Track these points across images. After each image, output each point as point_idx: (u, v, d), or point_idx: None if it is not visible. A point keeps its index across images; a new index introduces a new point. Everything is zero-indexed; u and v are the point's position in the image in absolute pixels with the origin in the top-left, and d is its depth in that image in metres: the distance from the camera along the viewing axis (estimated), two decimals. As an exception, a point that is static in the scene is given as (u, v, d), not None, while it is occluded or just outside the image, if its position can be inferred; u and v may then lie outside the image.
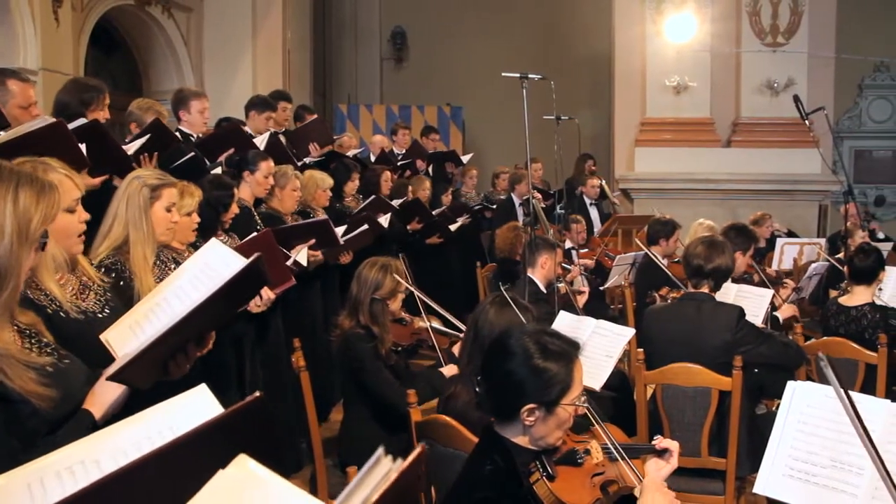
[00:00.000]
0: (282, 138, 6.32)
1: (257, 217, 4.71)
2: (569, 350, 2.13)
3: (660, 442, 2.37)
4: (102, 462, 1.50)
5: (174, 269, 3.15)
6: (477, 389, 2.18)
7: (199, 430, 1.38)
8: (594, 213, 8.91)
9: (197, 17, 9.46)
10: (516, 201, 8.36)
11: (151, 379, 2.11)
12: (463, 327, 3.92)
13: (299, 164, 5.86)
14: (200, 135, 5.18)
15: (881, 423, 2.17)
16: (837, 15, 9.78)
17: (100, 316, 2.35)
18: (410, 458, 1.21)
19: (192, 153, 4.55)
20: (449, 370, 3.55)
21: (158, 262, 3.05)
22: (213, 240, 2.41)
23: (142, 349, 1.94)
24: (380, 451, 1.18)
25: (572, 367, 2.10)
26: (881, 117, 11.92)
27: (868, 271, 4.44)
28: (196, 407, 1.61)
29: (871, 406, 2.23)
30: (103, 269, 2.74)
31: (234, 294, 2.22)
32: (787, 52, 9.55)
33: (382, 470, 1.15)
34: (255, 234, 4.06)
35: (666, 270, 5.30)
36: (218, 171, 4.67)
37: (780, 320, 4.99)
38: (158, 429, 1.57)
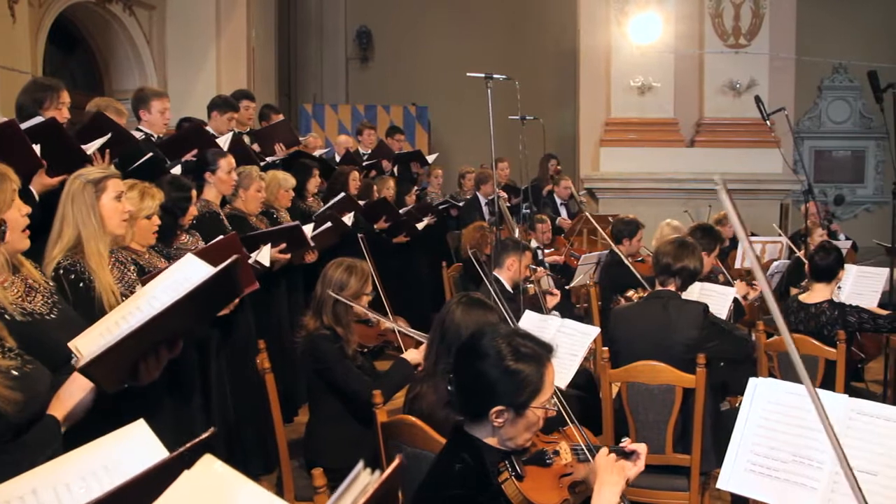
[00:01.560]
0: (246, 138, 6.27)
1: (225, 220, 4.66)
2: (541, 353, 2.12)
3: (628, 444, 2.38)
4: (41, 493, 1.47)
5: (134, 269, 3.11)
6: (449, 388, 2.17)
7: (151, 470, 1.36)
8: (564, 213, 8.97)
9: (159, 15, 9.34)
10: (482, 200, 8.38)
11: (120, 382, 2.08)
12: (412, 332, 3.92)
13: (262, 164, 5.81)
14: (161, 135, 5.11)
15: (840, 418, 2.20)
16: (797, 17, 9.93)
17: (48, 318, 2.30)
18: (389, 469, 1.21)
19: (151, 154, 4.49)
20: (411, 355, 3.53)
21: (117, 263, 3.00)
22: (189, 255, 2.37)
23: (115, 342, 1.91)
24: (359, 465, 1.18)
25: (544, 370, 2.10)
26: (840, 118, 12.12)
27: (828, 270, 4.50)
28: (135, 442, 1.58)
29: (831, 401, 2.26)
30: (62, 272, 2.69)
31: (207, 298, 2.19)
32: (748, 53, 9.68)
33: (361, 484, 1.15)
34: (220, 237, 4.01)
35: (631, 268, 5.34)
36: (177, 170, 4.61)
37: (743, 305, 5.07)
38: (103, 463, 1.55)
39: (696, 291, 4.50)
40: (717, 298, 4.49)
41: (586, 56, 10.08)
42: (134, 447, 1.57)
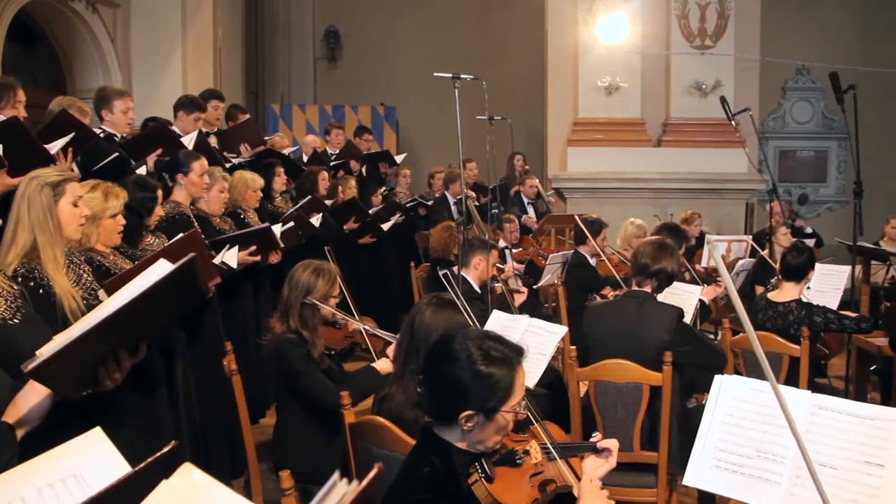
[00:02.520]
0: (213, 138, 6.22)
1: (195, 222, 4.61)
2: (512, 356, 2.11)
3: (599, 440, 2.39)
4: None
5: (88, 269, 3.05)
6: (418, 389, 2.16)
7: (117, 484, 1.33)
8: (531, 213, 9.01)
9: (124, 12, 9.20)
10: (451, 200, 8.39)
11: (79, 387, 2.04)
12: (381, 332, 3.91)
13: (228, 165, 5.77)
14: (125, 135, 5.05)
15: (803, 413, 2.23)
16: (761, 19, 10.05)
17: (10, 323, 2.26)
18: (367, 479, 1.20)
19: (116, 153, 4.43)
20: (382, 364, 3.52)
21: (72, 266, 2.94)
22: (162, 260, 2.33)
23: (64, 346, 1.87)
24: (335, 475, 1.17)
25: (515, 374, 2.08)
26: (803, 118, 12.28)
27: (799, 269, 4.57)
28: (92, 451, 1.55)
29: (794, 397, 2.29)
30: (20, 280, 2.61)
31: (167, 299, 2.16)
32: (714, 54, 9.78)
33: (338, 494, 1.14)
34: (181, 234, 3.97)
35: (612, 266, 5.38)
36: (142, 170, 4.56)
37: (708, 304, 5.12)
38: (60, 475, 1.51)
39: (664, 290, 4.54)
40: (685, 297, 4.53)
41: (554, 56, 10.12)
42: (91, 457, 1.54)
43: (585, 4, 9.69)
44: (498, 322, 3.94)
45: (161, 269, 2.06)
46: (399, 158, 8.96)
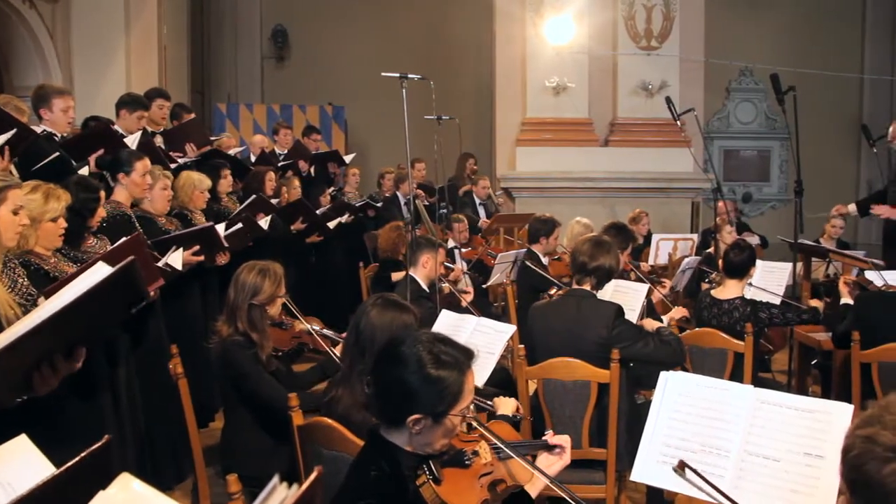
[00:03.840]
0: (159, 138, 6.11)
1: (136, 223, 4.52)
2: (462, 360, 2.09)
3: (551, 437, 2.40)
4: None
5: (23, 273, 2.97)
6: (366, 390, 2.14)
7: (42, 485, 1.29)
8: (483, 213, 9.05)
9: (63, 8, 8.96)
10: (401, 200, 8.38)
11: (11, 393, 1.98)
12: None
13: (174, 165, 5.67)
14: (65, 135, 4.92)
15: (746, 407, 2.27)
16: (706, 22, 10.22)
17: None
18: (307, 483, 1.18)
19: (57, 154, 4.32)
20: None
21: (6, 270, 2.86)
22: (100, 263, 2.27)
23: None
24: (275, 479, 1.15)
25: (464, 378, 2.07)
26: (747, 119, 12.53)
27: (741, 266, 4.66)
28: (20, 460, 1.50)
29: (738, 392, 2.33)
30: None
31: (106, 302, 2.10)
32: (660, 55, 9.91)
33: (278, 498, 1.12)
34: (124, 238, 3.90)
35: (563, 267, 5.41)
36: (84, 171, 4.46)
37: (655, 304, 5.18)
38: None
39: (611, 289, 4.58)
40: (631, 295, 4.58)
41: (503, 56, 10.16)
42: (19, 465, 1.48)
43: (533, 5, 9.74)
44: (447, 321, 3.94)
45: (99, 272, 2.00)
46: (348, 158, 8.92)
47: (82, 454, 1.37)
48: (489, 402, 2.64)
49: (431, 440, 2.08)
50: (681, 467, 2.03)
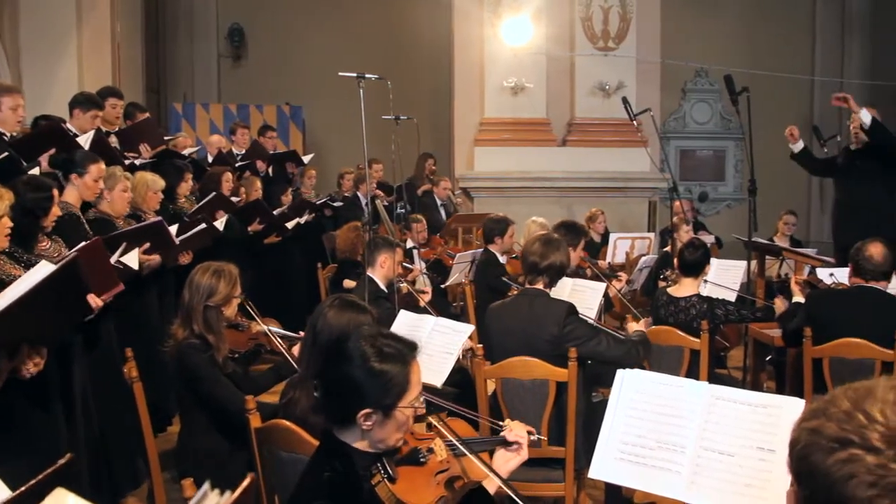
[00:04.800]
0: (113, 138, 6.01)
1: (86, 224, 4.44)
2: (405, 352, 2.11)
3: (508, 433, 2.40)
4: None
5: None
6: (315, 394, 2.14)
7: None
8: (443, 214, 9.06)
9: (11, 4, 8.71)
10: (362, 200, 8.35)
11: None
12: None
13: (128, 164, 5.58)
14: (14, 134, 4.82)
15: (702, 404, 2.30)
16: (662, 23, 10.33)
17: None
18: (238, 490, 1.17)
19: (6, 153, 4.22)
20: None
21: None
22: (43, 261, 2.22)
23: None
24: (206, 486, 1.14)
25: (409, 370, 2.08)
26: (702, 119, 12.69)
27: (696, 264, 4.73)
28: None
29: (693, 388, 2.36)
30: None
31: (49, 302, 2.07)
32: (617, 56, 9.99)
33: None
34: (83, 243, 3.82)
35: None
36: (35, 171, 4.36)
37: (612, 298, 5.23)
38: None
39: (568, 288, 4.62)
40: (588, 294, 4.62)
41: (460, 57, 10.17)
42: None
43: (491, 6, 9.77)
44: (405, 321, 3.94)
45: (41, 271, 1.97)
46: (306, 159, 8.87)
47: (44, 473, 1.34)
48: (501, 423, 2.61)
49: (385, 436, 2.08)
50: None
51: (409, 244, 7.02)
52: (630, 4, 9.99)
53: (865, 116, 6.25)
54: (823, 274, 4.93)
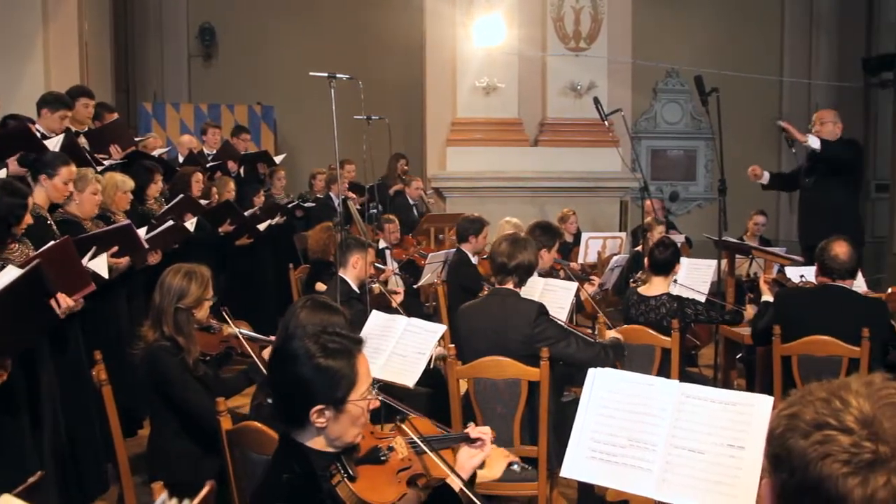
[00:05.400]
0: (82, 139, 5.93)
1: (53, 225, 4.39)
2: (350, 346, 2.12)
3: (471, 430, 2.41)
4: None
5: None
6: (268, 400, 2.14)
7: None
8: (415, 214, 9.05)
9: (-27, 2, 8.60)
10: (335, 200, 8.32)
11: None
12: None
13: (100, 169, 5.52)
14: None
15: (672, 402, 2.32)
16: (633, 24, 10.40)
17: None
18: (198, 497, 1.17)
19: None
20: None
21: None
22: (10, 266, 2.19)
23: None
24: (164, 495, 1.13)
25: (355, 362, 2.10)
26: (673, 119, 12.79)
27: (666, 263, 4.76)
28: None
29: (664, 387, 2.38)
30: None
31: (12, 310, 2.03)
32: (588, 56, 10.03)
33: None
34: (52, 242, 3.77)
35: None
36: (2, 173, 4.30)
37: (583, 301, 5.26)
38: None
39: (540, 287, 4.64)
40: (560, 293, 4.64)
41: (433, 56, 10.16)
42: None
43: (463, 6, 9.77)
44: (377, 322, 3.93)
45: (4, 278, 1.94)
46: (278, 159, 8.82)
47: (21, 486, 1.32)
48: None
49: (341, 432, 2.08)
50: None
51: (382, 244, 7.00)
52: (601, 5, 10.03)
53: (814, 142, 6.43)
54: (793, 274, 4.99)
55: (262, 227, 7.24)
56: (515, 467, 2.61)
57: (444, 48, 9.98)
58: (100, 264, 4.21)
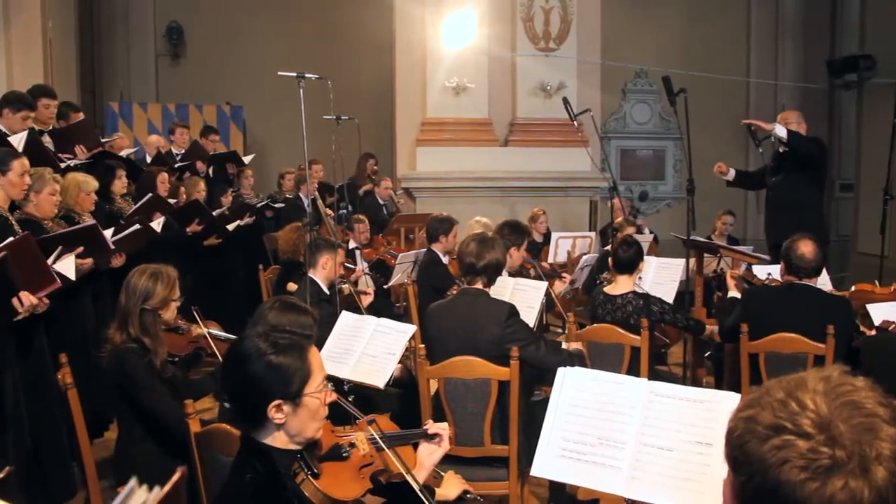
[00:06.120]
0: (46, 137, 5.85)
1: (15, 224, 4.31)
2: (299, 340, 2.14)
3: (430, 426, 2.43)
4: None
5: None
6: (225, 405, 2.14)
7: None
8: (385, 213, 9.03)
9: (-67, 1, 8.44)
10: (305, 201, 8.28)
11: None
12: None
13: (63, 166, 5.44)
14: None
15: (641, 400, 2.33)
16: (602, 24, 10.45)
17: None
18: (168, 485, 1.16)
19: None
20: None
21: None
22: None
23: None
24: (132, 481, 1.12)
25: (307, 356, 2.11)
26: (642, 119, 12.88)
27: (630, 262, 4.80)
28: None
29: (633, 385, 2.40)
30: None
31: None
32: (558, 57, 10.07)
33: (137, 501, 1.09)
34: (11, 238, 3.71)
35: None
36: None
37: (554, 298, 5.29)
38: None
39: (510, 287, 4.65)
40: (530, 293, 4.65)
41: (402, 56, 10.14)
42: None
43: (433, 6, 9.76)
44: (346, 323, 3.92)
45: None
46: (247, 159, 8.75)
47: None
48: (442, 473, 2.64)
49: (300, 426, 2.09)
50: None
51: (352, 245, 6.98)
52: (571, 6, 10.07)
53: (780, 131, 6.52)
54: (761, 273, 5.05)
55: (230, 227, 7.19)
56: (469, 496, 2.64)
57: (414, 48, 9.97)
58: (67, 265, 4.15)
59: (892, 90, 8.84)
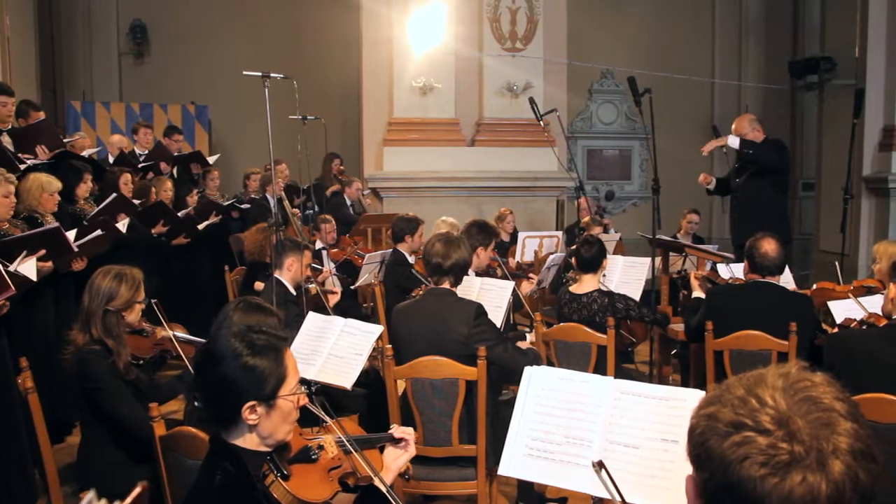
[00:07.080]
0: (6, 137, 5.75)
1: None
2: (276, 342, 2.13)
3: (395, 430, 2.43)
4: None
5: None
6: (196, 404, 2.11)
7: None
8: (352, 213, 8.99)
9: None
10: (271, 201, 8.22)
11: None
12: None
13: (23, 167, 5.35)
14: None
15: (607, 398, 2.35)
16: (568, 25, 10.50)
17: None
18: (129, 498, 1.14)
19: None
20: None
21: None
22: None
23: None
24: (90, 493, 1.10)
25: (282, 358, 2.11)
26: (609, 119, 12.98)
27: (593, 260, 4.84)
28: None
29: (599, 383, 2.41)
30: None
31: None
32: (524, 57, 10.10)
33: None
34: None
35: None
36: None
37: (521, 298, 5.31)
38: None
39: (477, 287, 4.66)
40: (497, 292, 4.66)
41: (369, 56, 10.11)
42: None
43: (399, 5, 9.74)
44: (313, 324, 3.90)
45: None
46: (212, 159, 8.66)
47: None
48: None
49: (273, 429, 2.09)
50: (599, 466, 2.06)
51: (319, 245, 6.95)
52: (537, 6, 10.10)
53: (733, 142, 6.66)
54: (724, 273, 5.11)
55: (201, 226, 7.13)
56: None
57: (380, 48, 9.94)
58: (28, 268, 4.09)
59: (851, 91, 8.98)
